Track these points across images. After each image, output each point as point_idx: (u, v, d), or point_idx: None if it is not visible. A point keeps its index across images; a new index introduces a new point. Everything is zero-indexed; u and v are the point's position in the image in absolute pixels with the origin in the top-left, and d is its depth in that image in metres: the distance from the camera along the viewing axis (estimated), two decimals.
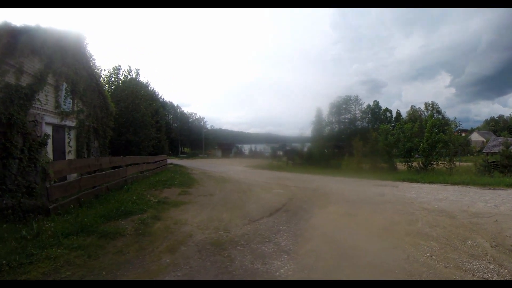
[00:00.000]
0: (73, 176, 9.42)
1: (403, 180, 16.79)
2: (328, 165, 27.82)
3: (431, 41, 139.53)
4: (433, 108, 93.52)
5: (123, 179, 10.85)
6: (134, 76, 22.30)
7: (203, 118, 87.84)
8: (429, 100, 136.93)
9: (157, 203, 8.19)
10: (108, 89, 21.51)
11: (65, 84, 11.88)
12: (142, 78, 29.70)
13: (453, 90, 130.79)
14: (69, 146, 12.21)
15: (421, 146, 22.18)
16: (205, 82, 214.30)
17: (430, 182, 15.51)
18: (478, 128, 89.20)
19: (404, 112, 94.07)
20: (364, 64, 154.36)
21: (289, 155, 30.78)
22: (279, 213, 7.62)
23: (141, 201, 8.20)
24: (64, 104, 11.80)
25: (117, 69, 22.36)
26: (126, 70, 22.30)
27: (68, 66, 12.04)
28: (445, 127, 25.87)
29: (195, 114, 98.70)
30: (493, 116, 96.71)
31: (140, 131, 20.52)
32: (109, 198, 8.34)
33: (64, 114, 11.65)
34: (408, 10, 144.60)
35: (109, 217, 6.40)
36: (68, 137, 12.19)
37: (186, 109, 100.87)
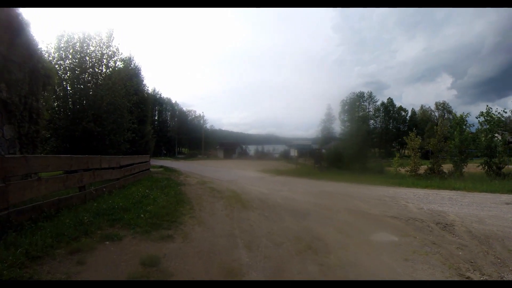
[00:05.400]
0: None
1: None
2: (366, 169, 21.14)
3: (433, 43, 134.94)
4: (444, 107, 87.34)
5: None
6: (103, 39, 14.94)
7: (203, 116, 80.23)
8: (428, 102, 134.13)
9: None
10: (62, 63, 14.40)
11: None
12: (124, 52, 22.61)
13: (454, 92, 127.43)
14: None
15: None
16: (206, 83, 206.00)
17: None
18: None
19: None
20: (366, 66, 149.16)
21: (316, 157, 23.81)
22: None
23: None
24: None
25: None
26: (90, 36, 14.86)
27: None
28: None
29: (195, 111, 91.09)
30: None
31: (107, 117, 13.49)
32: None
33: None
34: (410, 13, 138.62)
35: None
36: None
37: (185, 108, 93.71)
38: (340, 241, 4.87)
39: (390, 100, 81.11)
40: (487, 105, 16.06)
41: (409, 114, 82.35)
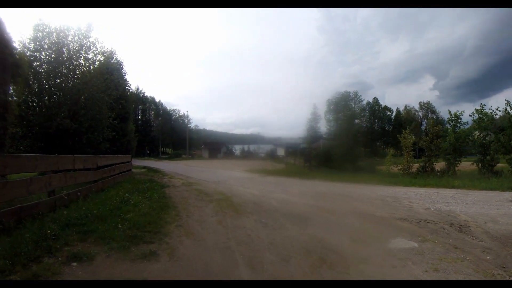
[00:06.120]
0: None
1: None
2: (357, 168, 20.68)
3: (416, 46, 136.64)
4: (427, 107, 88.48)
5: None
6: (82, 29, 13.72)
7: (187, 115, 78.22)
8: (411, 102, 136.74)
9: None
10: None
11: None
12: (106, 47, 21.23)
13: (436, 92, 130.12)
14: None
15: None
16: (190, 83, 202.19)
17: None
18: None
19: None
20: (350, 67, 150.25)
21: (306, 156, 23.18)
22: None
23: None
24: None
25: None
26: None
27: None
28: None
29: (179, 111, 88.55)
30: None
31: (85, 113, 12.21)
32: None
33: None
34: (393, 16, 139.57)
35: None
36: None
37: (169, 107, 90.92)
38: (356, 251, 4.18)
39: (376, 100, 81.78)
40: (481, 103, 15.83)
41: (394, 113, 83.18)
